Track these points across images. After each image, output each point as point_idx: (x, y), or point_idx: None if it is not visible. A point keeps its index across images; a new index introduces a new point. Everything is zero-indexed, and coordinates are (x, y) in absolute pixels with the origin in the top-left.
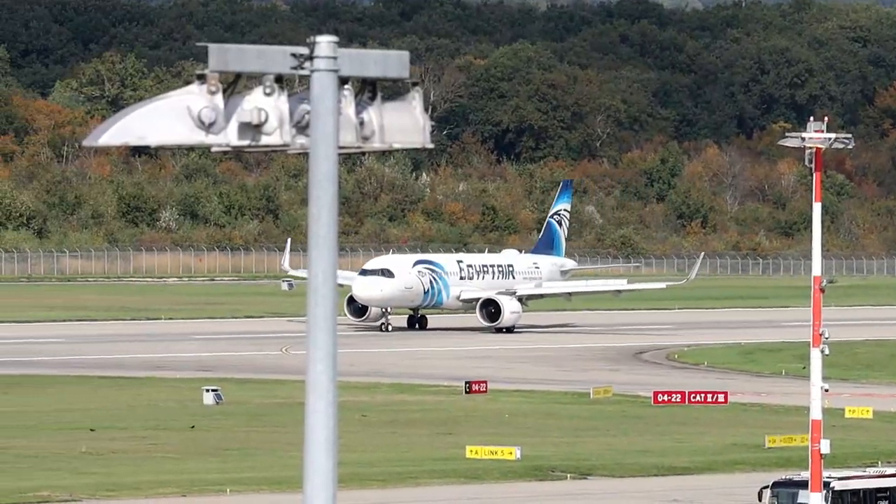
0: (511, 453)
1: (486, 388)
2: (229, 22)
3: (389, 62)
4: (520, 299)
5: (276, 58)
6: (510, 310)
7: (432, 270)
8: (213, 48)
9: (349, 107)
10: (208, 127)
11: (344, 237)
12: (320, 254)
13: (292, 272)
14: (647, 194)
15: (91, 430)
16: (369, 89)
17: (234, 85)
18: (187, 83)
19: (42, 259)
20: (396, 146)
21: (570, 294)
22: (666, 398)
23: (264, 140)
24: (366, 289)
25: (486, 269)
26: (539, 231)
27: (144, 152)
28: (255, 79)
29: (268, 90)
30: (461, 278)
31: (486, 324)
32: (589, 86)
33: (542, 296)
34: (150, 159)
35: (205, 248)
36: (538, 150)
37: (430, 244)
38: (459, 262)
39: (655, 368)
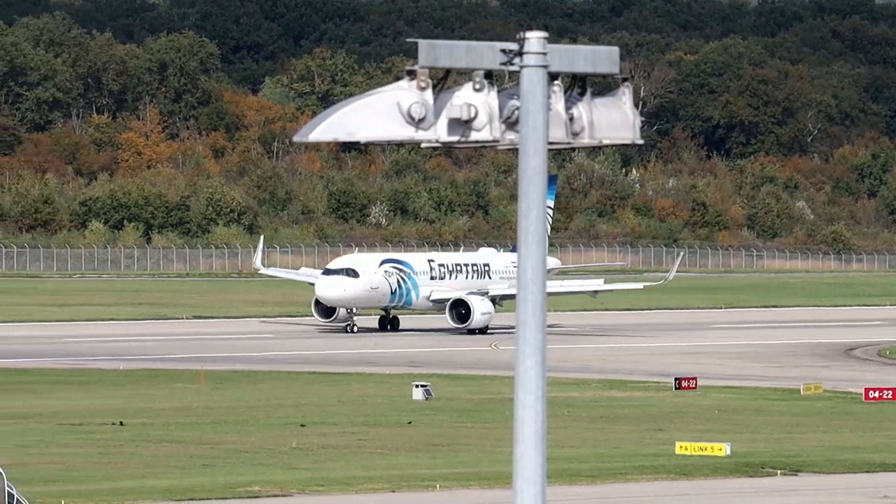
0: (721, 450)
1: (695, 384)
2: (439, 18)
3: (599, 58)
4: (493, 300)
5: (486, 53)
6: (481, 311)
7: (400, 270)
8: (423, 44)
9: (559, 103)
10: (418, 123)
11: (553, 233)
12: (529, 250)
13: (263, 271)
14: (858, 190)
15: (301, 425)
16: (579, 85)
17: (444, 81)
18: (397, 79)
19: (251, 254)
20: (606, 142)
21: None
22: (877, 395)
23: (474, 136)
24: (329, 289)
25: (459, 268)
26: (748, 226)
27: (354, 148)
28: (464, 74)
29: (477, 86)
30: (432, 278)
31: (455, 325)
32: (800, 81)
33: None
34: (360, 155)
35: (414, 244)
36: (748, 146)
37: (640, 240)
38: (430, 261)
39: (867, 365)
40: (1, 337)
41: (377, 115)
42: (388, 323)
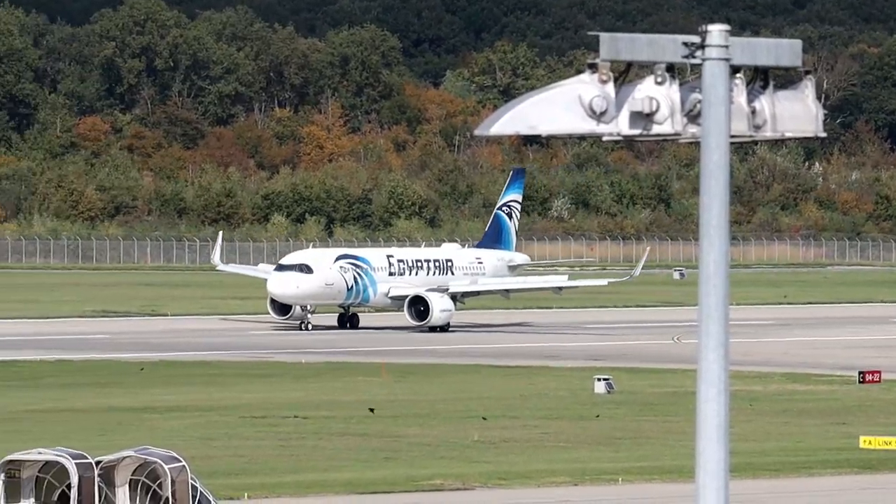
0: None
1: (879, 377)
2: (621, 11)
3: (781, 51)
4: (453, 297)
5: (668, 46)
6: (440, 308)
7: (357, 266)
8: (604, 37)
9: (741, 95)
10: (599, 116)
11: (735, 226)
12: (712, 243)
13: (222, 267)
14: None
15: (483, 418)
16: (761, 78)
17: (626, 74)
18: (579, 72)
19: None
20: (788, 135)
21: (507, 291)
22: None
23: (655, 129)
24: (281, 285)
25: (419, 264)
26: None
27: (536, 141)
28: (646, 67)
29: (659, 79)
30: (391, 274)
31: (414, 323)
32: None
33: (477, 293)
34: (541, 148)
35: (596, 237)
36: None
37: (823, 233)
38: (389, 256)
39: None
40: (186, 329)
41: (558, 108)
42: (348, 320)
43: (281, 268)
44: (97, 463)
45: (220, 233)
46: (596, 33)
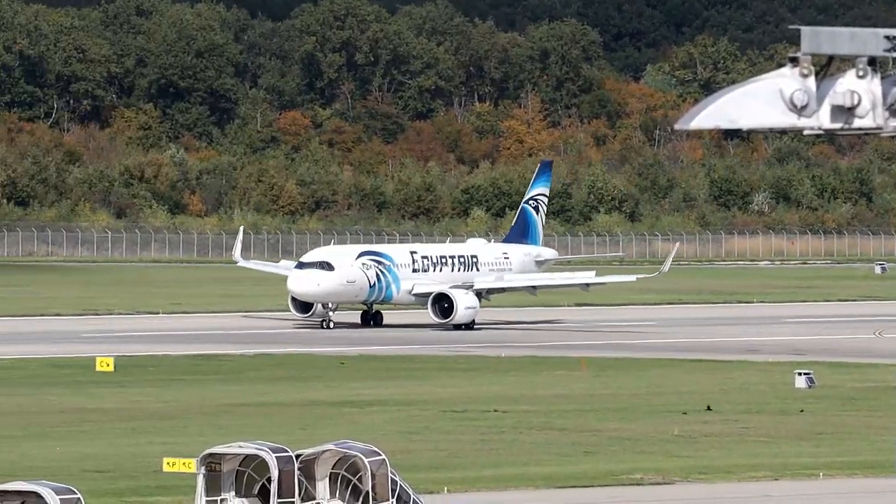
0: None
1: None
2: (822, 4)
3: None
4: (478, 293)
5: (870, 40)
6: (464, 305)
7: (379, 263)
8: (805, 31)
9: None
10: (800, 110)
11: None
12: None
13: (242, 263)
14: None
15: (683, 413)
16: None
17: (827, 67)
18: (780, 66)
19: (634, 242)
20: None
21: (534, 287)
22: None
23: (857, 123)
24: (302, 283)
25: (444, 260)
26: None
27: (736, 135)
28: (847, 61)
29: (860, 73)
30: (414, 271)
31: (438, 320)
32: None
33: (503, 289)
34: (742, 142)
35: (797, 232)
36: None
37: None
38: (413, 252)
39: None
40: (390, 324)
41: (759, 102)
42: (371, 318)
43: (301, 265)
44: (297, 456)
45: (241, 227)
46: (797, 27)
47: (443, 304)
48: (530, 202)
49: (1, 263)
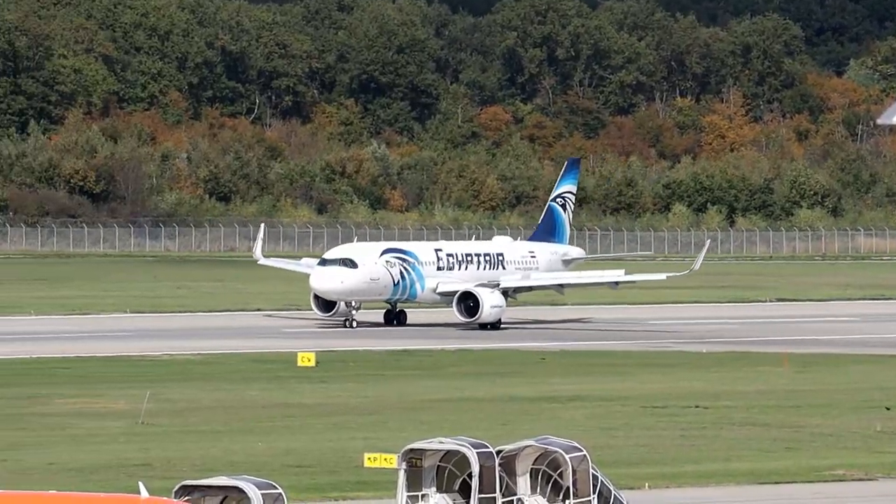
0: None
1: None
2: None
3: None
4: (504, 292)
5: None
6: (490, 303)
7: (403, 260)
8: None
9: None
10: None
11: None
12: None
13: (263, 261)
14: None
15: (887, 408)
16: None
17: None
18: None
19: (836, 237)
20: None
21: (561, 286)
22: None
23: None
24: (325, 280)
25: (469, 258)
26: None
27: None
28: None
29: None
30: (439, 269)
31: (463, 319)
32: None
33: (530, 288)
34: None
35: None
36: None
37: None
38: (438, 250)
39: None
40: (590, 319)
41: None
42: (395, 317)
43: (324, 262)
44: (498, 452)
45: (262, 225)
46: None
47: (468, 302)
48: (557, 200)
49: (203, 259)
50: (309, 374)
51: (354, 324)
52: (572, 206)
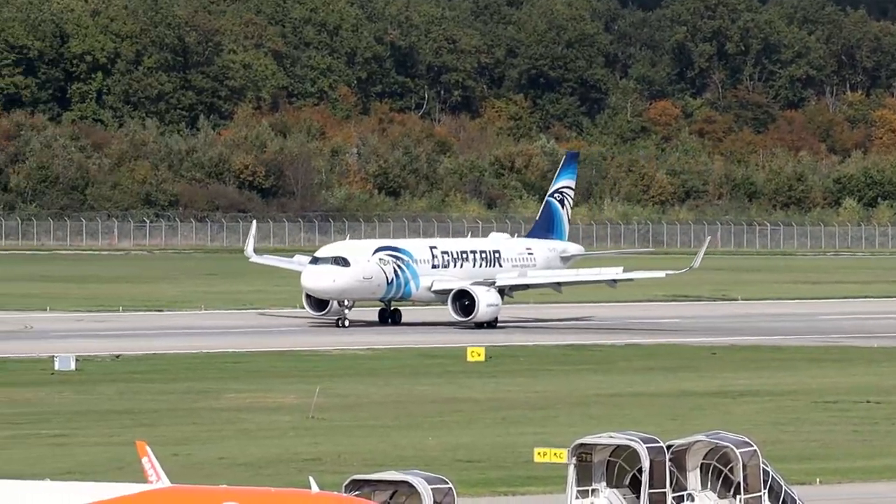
0: None
1: None
2: None
3: None
4: (500, 290)
5: None
6: (486, 302)
7: (397, 258)
8: None
9: None
10: None
11: None
12: None
13: (254, 259)
14: None
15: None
16: None
17: None
18: None
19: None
20: None
21: (559, 284)
22: None
23: None
24: (316, 279)
25: (465, 255)
26: None
27: None
28: None
29: None
30: (434, 266)
31: (458, 318)
32: None
33: (526, 286)
34: None
35: None
36: None
37: None
38: (433, 248)
39: None
40: (756, 314)
41: None
42: (389, 316)
43: (316, 260)
44: (668, 447)
45: (254, 222)
46: None
47: (463, 301)
48: (555, 195)
49: None
50: (478, 369)
51: (347, 323)
52: (571, 202)
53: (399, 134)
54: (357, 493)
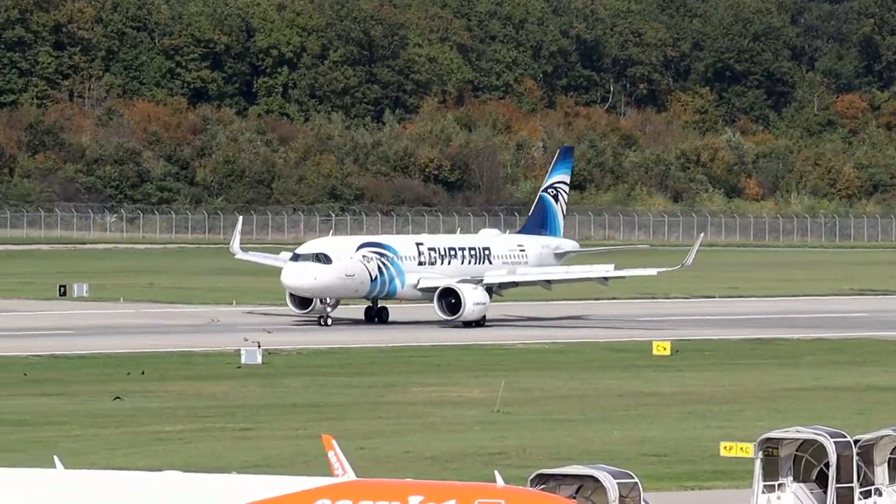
0: None
1: None
2: None
3: None
4: (489, 288)
5: None
6: (473, 300)
7: (381, 255)
8: None
9: None
10: None
11: None
12: None
13: (239, 255)
14: None
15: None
16: None
17: None
18: None
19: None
20: None
21: (549, 282)
22: None
23: None
24: (296, 277)
25: (453, 252)
26: None
27: None
28: None
29: None
30: (420, 263)
31: (444, 317)
32: None
33: (515, 284)
34: None
35: None
36: None
37: None
38: (419, 244)
39: None
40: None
41: None
42: (376, 314)
43: (297, 257)
44: (855, 442)
45: (240, 218)
46: None
47: (449, 299)
48: (549, 190)
49: None
50: (664, 363)
51: (329, 321)
52: (565, 197)
53: (584, 127)
54: (542, 486)
